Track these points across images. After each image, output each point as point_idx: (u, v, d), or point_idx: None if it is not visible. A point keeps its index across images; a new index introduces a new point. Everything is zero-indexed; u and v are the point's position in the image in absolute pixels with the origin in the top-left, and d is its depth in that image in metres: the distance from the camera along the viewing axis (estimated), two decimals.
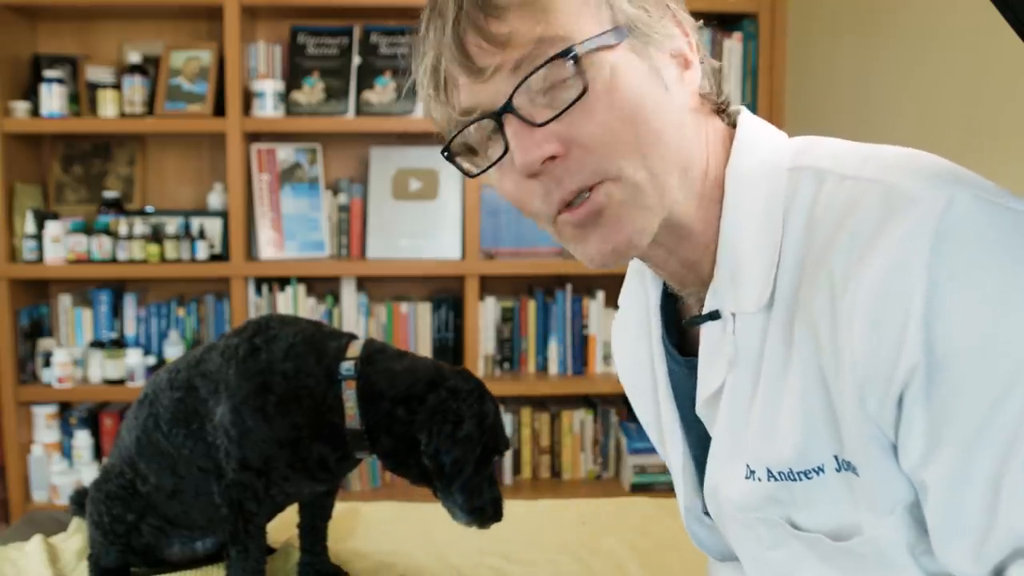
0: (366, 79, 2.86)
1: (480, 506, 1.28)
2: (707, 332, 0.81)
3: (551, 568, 1.54)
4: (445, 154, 0.80)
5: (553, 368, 2.93)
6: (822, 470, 0.74)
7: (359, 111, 2.84)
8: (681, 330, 0.90)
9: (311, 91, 2.85)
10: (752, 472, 0.78)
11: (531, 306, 2.91)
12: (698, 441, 0.89)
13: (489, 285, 2.97)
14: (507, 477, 2.93)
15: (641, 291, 0.94)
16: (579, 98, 0.72)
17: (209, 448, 1.31)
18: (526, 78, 0.72)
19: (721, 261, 0.79)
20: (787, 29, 2.83)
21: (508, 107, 0.73)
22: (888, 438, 0.70)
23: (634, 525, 1.72)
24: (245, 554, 1.32)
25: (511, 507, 1.84)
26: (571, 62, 0.72)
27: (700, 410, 0.84)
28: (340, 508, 1.57)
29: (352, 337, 1.34)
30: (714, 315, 0.80)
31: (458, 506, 1.28)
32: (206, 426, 1.30)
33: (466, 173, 0.81)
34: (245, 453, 1.27)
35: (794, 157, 0.78)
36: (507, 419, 2.93)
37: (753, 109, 2.86)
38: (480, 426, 1.26)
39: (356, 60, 2.87)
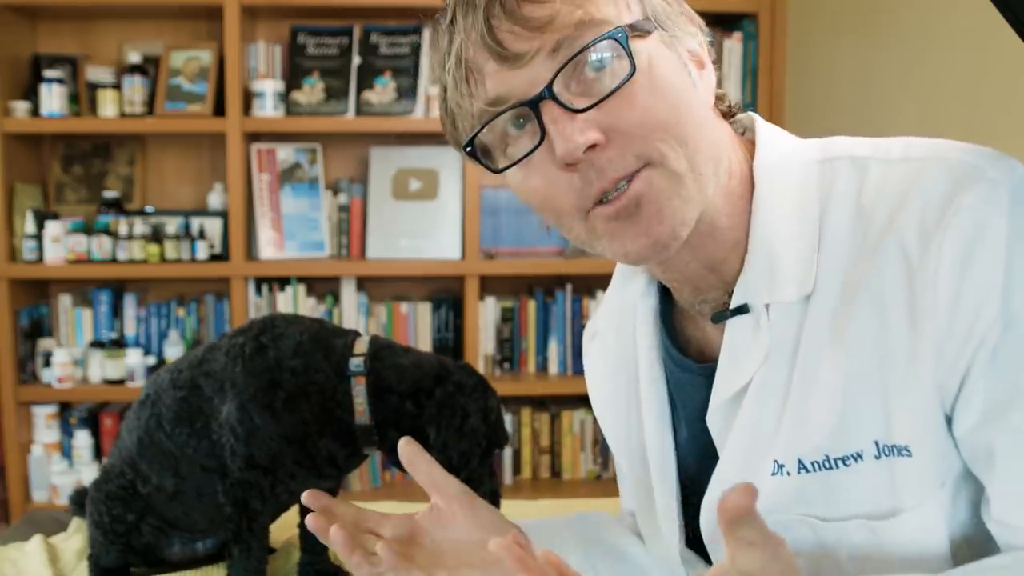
0: (366, 79, 2.86)
1: (480, 496, 1.29)
2: (733, 328, 0.79)
3: None
4: (468, 149, 0.76)
5: (553, 368, 2.92)
6: (860, 456, 0.73)
7: (359, 111, 2.84)
8: (674, 339, 0.88)
9: (311, 91, 2.85)
10: (781, 467, 0.76)
11: (531, 306, 2.91)
12: (694, 460, 0.86)
13: (489, 285, 2.97)
14: (507, 477, 2.93)
15: (627, 309, 0.91)
16: (626, 80, 0.70)
17: (213, 447, 1.31)
18: (569, 60, 0.70)
19: (754, 253, 0.77)
20: (787, 29, 2.83)
21: (548, 93, 0.70)
22: (946, 409, 0.71)
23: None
24: (248, 553, 1.32)
25: (511, 507, 1.84)
26: (618, 44, 0.71)
27: (711, 417, 0.81)
28: None
29: (356, 334, 1.34)
30: (743, 309, 0.78)
31: None
32: (211, 424, 1.30)
33: (490, 168, 0.77)
34: (252, 451, 1.27)
35: (821, 150, 0.79)
36: (507, 419, 2.93)
37: (753, 109, 2.86)
38: (486, 420, 1.28)
39: (356, 60, 2.87)
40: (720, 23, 2.89)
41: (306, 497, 0.89)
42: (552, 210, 0.75)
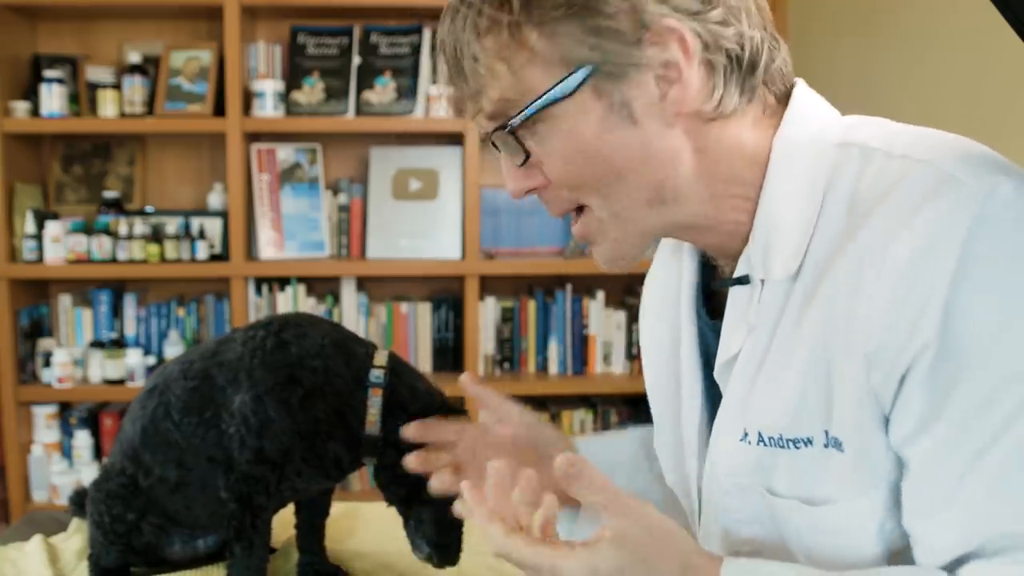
0: (366, 79, 2.86)
1: (446, 543, 1.32)
2: (734, 297, 0.82)
3: None
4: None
5: (553, 368, 2.92)
6: (811, 442, 0.75)
7: (359, 111, 2.84)
8: (713, 295, 0.90)
9: (311, 91, 2.85)
10: (746, 435, 0.80)
11: (531, 306, 2.91)
12: (712, 408, 0.90)
13: (489, 285, 2.97)
14: None
15: (677, 253, 0.94)
16: (524, 162, 0.77)
17: (221, 437, 1.29)
18: (489, 135, 0.78)
19: (758, 228, 0.79)
20: (787, 29, 2.83)
21: (491, 143, 0.78)
22: (883, 412, 0.71)
23: None
24: (249, 551, 1.31)
25: None
26: (509, 134, 0.76)
27: (718, 374, 0.85)
28: (340, 508, 1.57)
29: (374, 345, 1.35)
30: (743, 280, 0.80)
31: (426, 538, 1.32)
32: (221, 414, 1.29)
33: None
34: (263, 444, 1.26)
35: (844, 133, 0.79)
36: None
37: None
38: None
39: (356, 60, 2.87)
40: None
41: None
42: None
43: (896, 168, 0.72)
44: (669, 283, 0.95)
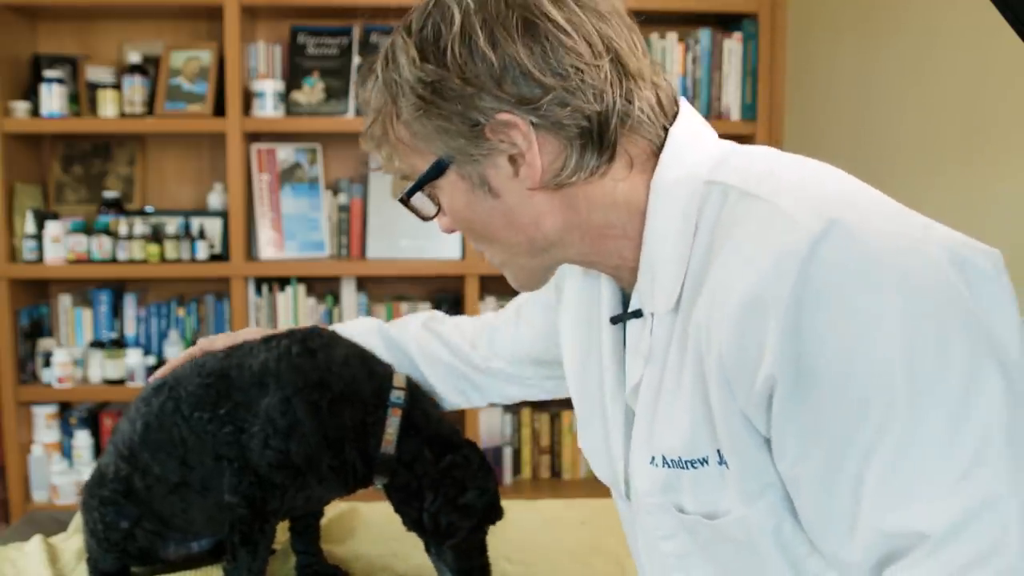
0: None
1: (468, 569, 1.32)
2: (631, 329, 0.89)
3: (551, 568, 1.54)
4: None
5: None
6: (706, 462, 0.81)
7: (359, 111, 2.84)
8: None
9: (311, 91, 2.85)
10: (653, 458, 0.86)
11: None
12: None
13: (489, 285, 2.97)
14: (507, 477, 2.93)
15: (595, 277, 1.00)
16: (436, 214, 0.91)
17: (237, 435, 1.27)
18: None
19: (643, 265, 0.85)
20: (787, 29, 2.82)
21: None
22: (760, 432, 0.76)
23: None
24: (253, 554, 1.30)
25: (511, 507, 1.84)
26: (407, 201, 0.90)
27: (628, 398, 0.91)
28: (339, 508, 1.57)
29: (391, 367, 1.36)
30: (638, 313, 0.87)
31: (447, 566, 1.33)
32: (238, 412, 1.27)
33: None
34: (290, 446, 1.25)
35: (712, 170, 0.82)
36: (507, 419, 2.93)
37: (753, 109, 2.88)
38: (481, 498, 1.32)
39: (356, 60, 2.87)
40: (720, 23, 2.88)
41: None
42: None
43: (744, 207, 0.77)
44: (590, 296, 1.00)
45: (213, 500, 1.33)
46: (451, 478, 1.30)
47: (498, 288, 2.99)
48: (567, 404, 3.12)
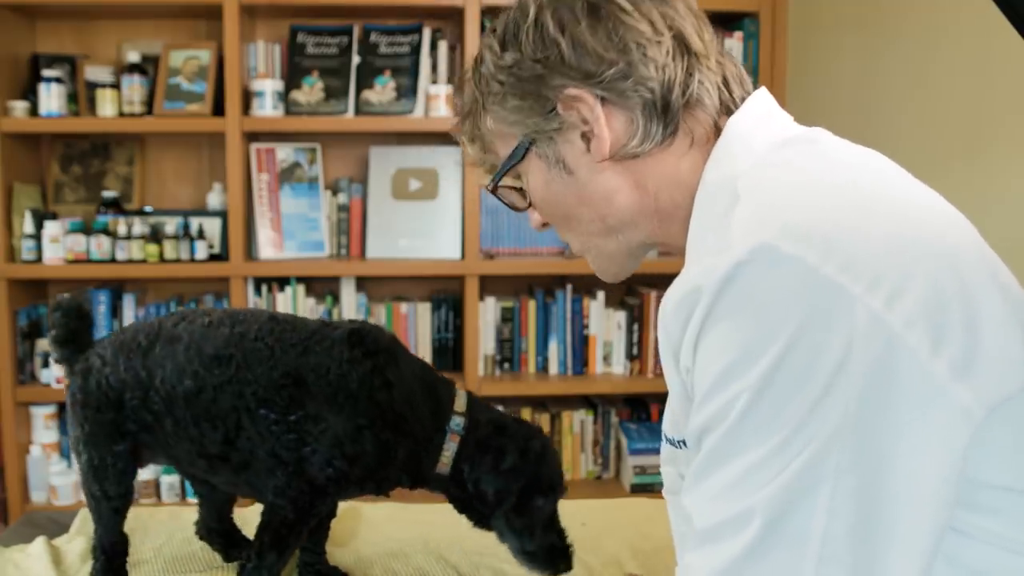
0: (366, 78, 2.86)
1: (531, 551, 1.33)
2: None
3: None
4: None
5: (553, 368, 2.92)
6: (685, 444, 0.87)
7: (359, 111, 2.84)
8: None
9: (310, 90, 2.85)
10: (663, 434, 0.97)
11: (531, 306, 2.91)
12: None
13: (489, 285, 2.97)
14: None
15: None
16: (522, 210, 0.99)
17: (299, 444, 1.28)
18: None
19: (687, 254, 0.89)
20: (788, 28, 2.82)
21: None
22: None
23: (634, 526, 1.71)
24: (280, 555, 1.31)
25: None
26: (493, 190, 0.98)
27: None
28: (340, 508, 1.56)
29: (453, 384, 1.39)
30: None
31: (514, 550, 1.35)
32: (305, 424, 1.28)
33: None
34: (353, 470, 1.29)
35: (747, 171, 0.83)
36: None
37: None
38: (523, 459, 1.33)
39: (356, 59, 2.87)
40: (721, 22, 2.88)
41: None
42: None
43: (733, 217, 0.79)
44: None
45: (245, 478, 1.34)
46: (484, 446, 1.33)
47: (498, 288, 2.99)
48: (567, 404, 3.12)
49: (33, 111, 2.73)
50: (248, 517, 1.51)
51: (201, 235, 2.77)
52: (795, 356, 0.69)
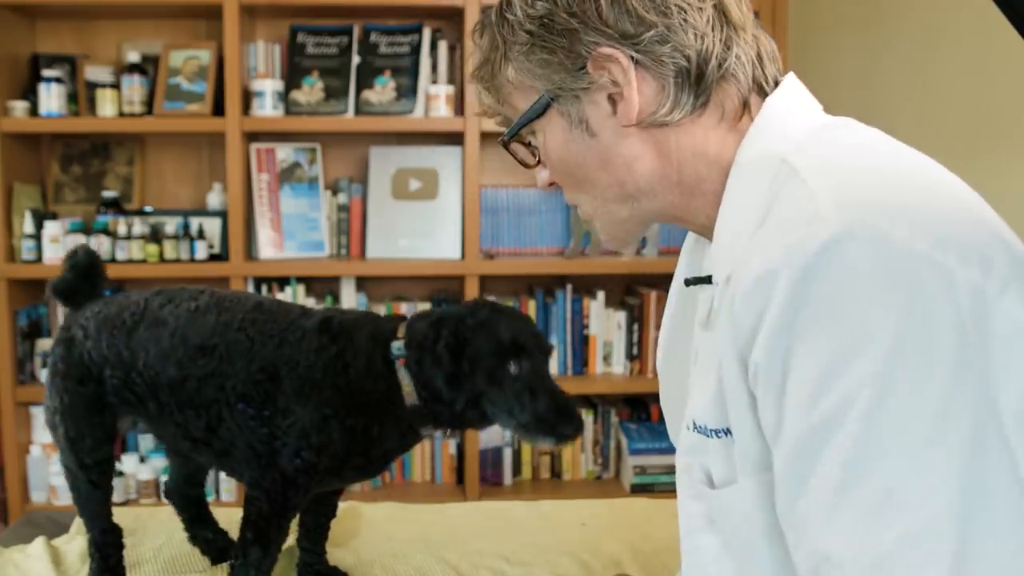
0: (366, 78, 2.86)
1: (526, 422, 1.23)
2: (700, 295, 0.91)
3: (550, 569, 1.54)
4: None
5: (553, 368, 2.90)
6: (728, 432, 0.82)
7: (359, 111, 2.84)
8: None
9: (310, 90, 2.84)
10: (692, 422, 0.88)
11: (531, 306, 2.91)
12: None
13: (489, 285, 2.97)
14: (507, 478, 2.92)
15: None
16: (537, 164, 0.94)
17: (270, 437, 1.28)
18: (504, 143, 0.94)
19: (717, 236, 0.86)
20: (788, 28, 2.82)
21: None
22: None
23: (634, 526, 1.71)
24: (265, 551, 1.30)
25: (510, 508, 1.84)
26: (507, 143, 0.93)
27: (692, 362, 0.94)
28: (340, 508, 1.56)
29: (400, 320, 1.34)
30: (708, 279, 0.89)
31: (511, 427, 1.25)
32: (276, 419, 1.28)
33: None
34: (320, 460, 1.27)
35: (795, 148, 0.81)
36: None
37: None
38: (461, 334, 1.24)
39: (356, 59, 2.86)
40: None
41: None
42: None
43: (794, 192, 0.76)
44: (695, 261, 1.02)
45: (227, 463, 1.34)
46: (429, 342, 1.26)
47: (498, 288, 2.99)
48: None
49: (33, 111, 2.73)
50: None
51: (201, 235, 2.77)
52: (912, 341, 0.66)
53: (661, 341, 1.08)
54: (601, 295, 2.92)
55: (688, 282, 0.93)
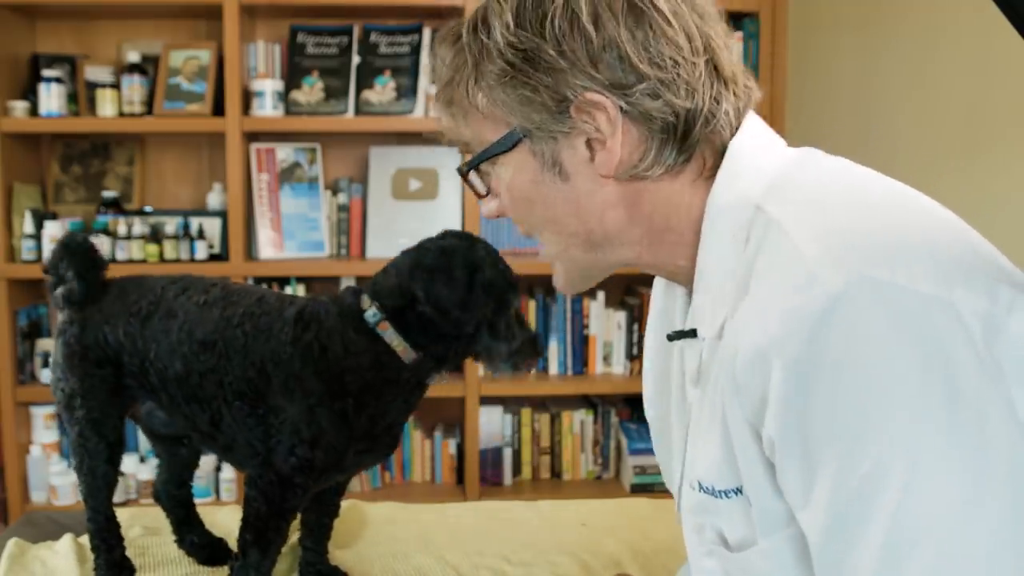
0: (366, 78, 2.86)
1: (516, 350, 1.32)
2: (687, 348, 0.87)
3: (550, 569, 1.54)
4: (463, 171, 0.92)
5: (553, 368, 2.92)
6: (740, 491, 0.79)
7: (359, 111, 2.84)
8: None
9: (310, 90, 2.84)
10: (691, 481, 0.85)
11: (531, 306, 2.91)
12: None
13: None
14: (507, 477, 2.92)
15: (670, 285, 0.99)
16: (487, 194, 0.89)
17: (265, 436, 1.28)
18: (460, 170, 0.89)
19: (697, 289, 0.83)
20: (788, 28, 2.82)
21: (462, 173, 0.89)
22: (773, 460, 0.73)
23: (634, 526, 1.71)
24: (264, 553, 1.29)
25: (510, 508, 1.83)
26: (466, 173, 0.88)
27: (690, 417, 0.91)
28: (341, 508, 1.56)
29: (358, 291, 1.34)
30: (692, 333, 0.85)
31: (502, 357, 1.32)
32: (268, 418, 1.27)
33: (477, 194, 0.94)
34: (316, 454, 1.25)
35: (766, 193, 0.79)
36: (507, 419, 2.93)
37: (753, 108, 2.87)
38: (448, 275, 1.29)
39: (356, 59, 2.86)
40: None
41: None
42: None
43: (778, 246, 0.73)
44: (669, 309, 0.98)
45: (232, 457, 1.34)
46: (422, 268, 1.31)
47: None
48: (567, 404, 3.12)
49: (33, 111, 2.73)
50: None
51: (201, 235, 2.77)
52: (936, 390, 0.64)
53: (647, 391, 1.04)
54: (601, 295, 2.92)
55: (671, 337, 0.89)
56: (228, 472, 2.81)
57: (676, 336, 0.87)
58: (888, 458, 0.64)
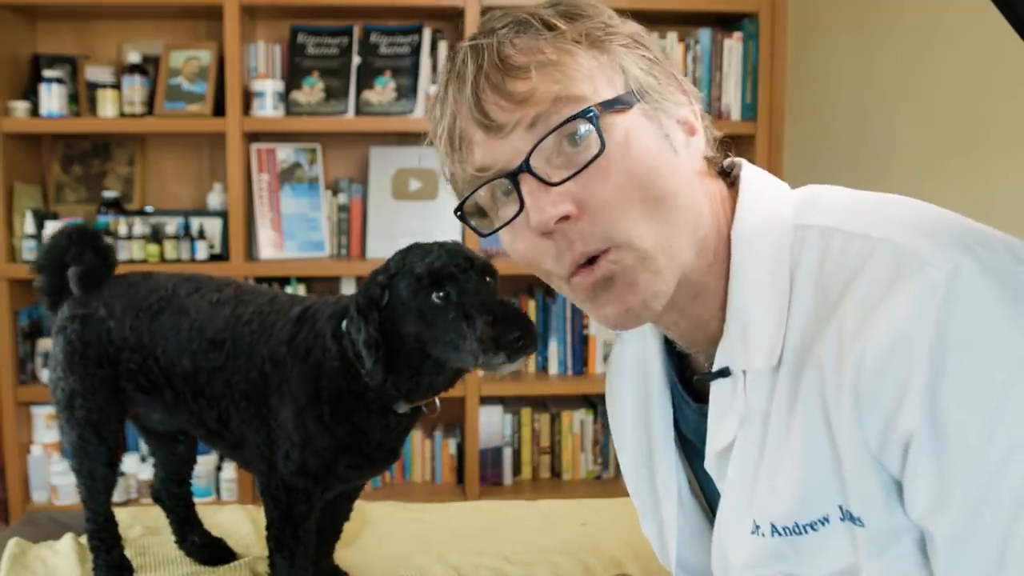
0: (366, 79, 2.86)
1: (471, 349, 1.13)
2: (717, 389, 0.82)
3: (550, 569, 1.54)
4: (459, 214, 0.81)
5: (553, 368, 2.92)
6: (827, 520, 0.75)
7: (359, 111, 2.84)
8: (690, 378, 0.91)
9: (311, 91, 2.85)
10: (758, 527, 0.80)
11: (531, 306, 2.91)
12: (709, 493, 0.91)
13: None
14: (507, 477, 2.93)
15: (640, 338, 0.95)
16: (595, 158, 0.74)
17: (269, 441, 1.27)
18: (544, 137, 0.74)
19: (731, 319, 0.80)
20: (787, 29, 2.82)
21: (525, 166, 0.75)
22: (892, 476, 0.71)
23: (634, 526, 1.70)
24: (291, 561, 1.28)
25: (510, 508, 1.84)
26: (589, 122, 0.74)
27: (709, 465, 0.85)
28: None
29: (338, 298, 1.32)
30: (724, 372, 0.81)
31: (464, 360, 1.16)
32: (269, 421, 1.27)
33: (478, 232, 0.82)
34: (306, 459, 1.24)
35: (799, 213, 0.79)
36: (507, 419, 2.93)
37: (753, 109, 2.88)
38: (417, 263, 1.19)
39: (356, 60, 2.87)
40: (720, 23, 2.88)
41: None
42: (538, 271, 0.81)
43: (857, 248, 0.73)
44: (642, 363, 0.95)
45: (240, 456, 1.33)
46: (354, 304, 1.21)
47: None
48: (567, 404, 3.12)
49: (34, 111, 2.73)
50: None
51: (202, 235, 2.77)
52: None
53: (625, 457, 0.99)
54: None
55: (701, 379, 0.84)
56: (228, 472, 2.81)
57: (708, 377, 0.83)
58: (1018, 442, 0.65)
